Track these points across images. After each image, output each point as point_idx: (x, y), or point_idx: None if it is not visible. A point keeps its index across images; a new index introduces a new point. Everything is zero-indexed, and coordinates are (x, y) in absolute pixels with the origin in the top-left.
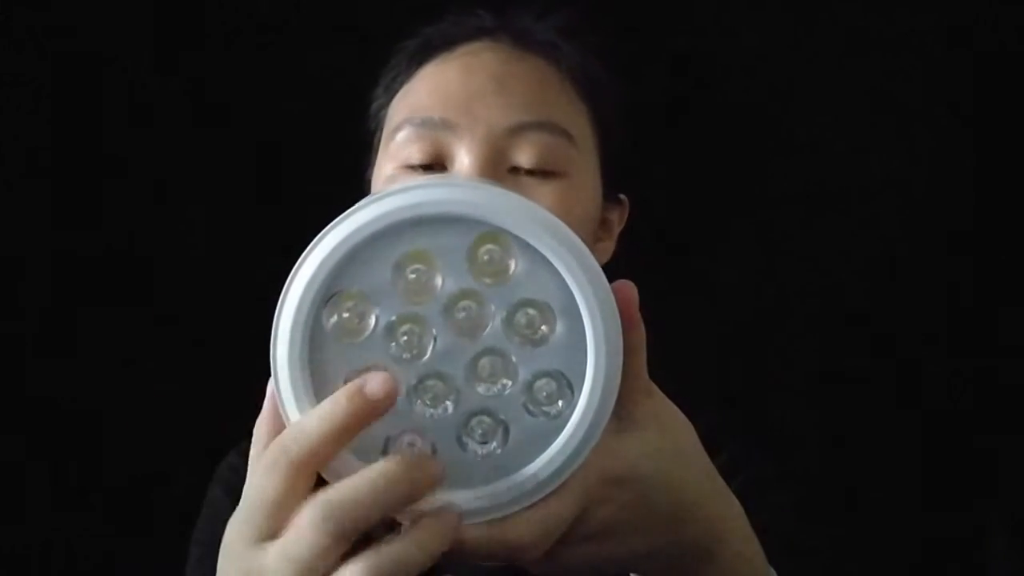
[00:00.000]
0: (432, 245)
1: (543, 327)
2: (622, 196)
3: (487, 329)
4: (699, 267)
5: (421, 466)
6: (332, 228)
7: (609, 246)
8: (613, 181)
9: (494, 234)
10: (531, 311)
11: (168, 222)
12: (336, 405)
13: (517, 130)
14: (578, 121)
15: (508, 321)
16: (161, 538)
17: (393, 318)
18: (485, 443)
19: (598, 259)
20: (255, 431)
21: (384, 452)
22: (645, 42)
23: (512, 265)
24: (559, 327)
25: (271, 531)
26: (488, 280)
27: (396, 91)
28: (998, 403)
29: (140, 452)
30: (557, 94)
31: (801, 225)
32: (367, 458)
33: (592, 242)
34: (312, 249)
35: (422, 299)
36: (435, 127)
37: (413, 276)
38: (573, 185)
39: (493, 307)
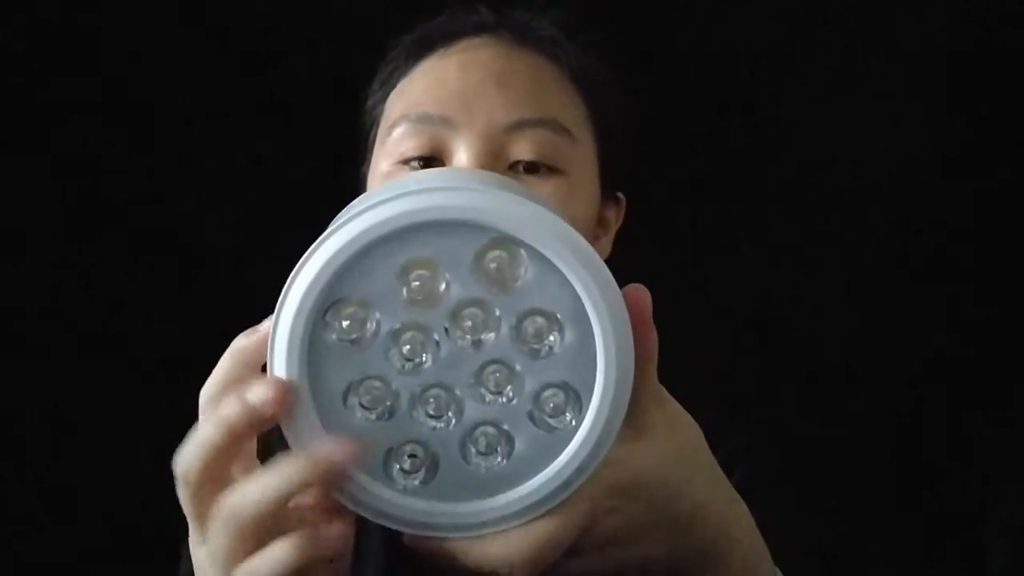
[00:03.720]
0: (437, 251)
1: (551, 337)
2: (620, 194)
3: (493, 338)
4: (696, 265)
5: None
6: (332, 232)
7: (606, 244)
8: (611, 179)
9: (502, 240)
10: (539, 320)
11: (168, 221)
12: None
13: (516, 127)
14: (577, 118)
15: (515, 330)
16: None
17: (396, 326)
18: (489, 455)
19: None
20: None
21: (385, 464)
22: (645, 39)
23: (520, 273)
24: (568, 337)
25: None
26: (495, 288)
27: (393, 86)
28: (998, 402)
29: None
30: (556, 91)
31: (801, 224)
32: (368, 471)
33: (590, 240)
34: (311, 254)
35: (426, 307)
36: (433, 123)
37: (417, 283)
38: (572, 183)
39: (500, 316)
